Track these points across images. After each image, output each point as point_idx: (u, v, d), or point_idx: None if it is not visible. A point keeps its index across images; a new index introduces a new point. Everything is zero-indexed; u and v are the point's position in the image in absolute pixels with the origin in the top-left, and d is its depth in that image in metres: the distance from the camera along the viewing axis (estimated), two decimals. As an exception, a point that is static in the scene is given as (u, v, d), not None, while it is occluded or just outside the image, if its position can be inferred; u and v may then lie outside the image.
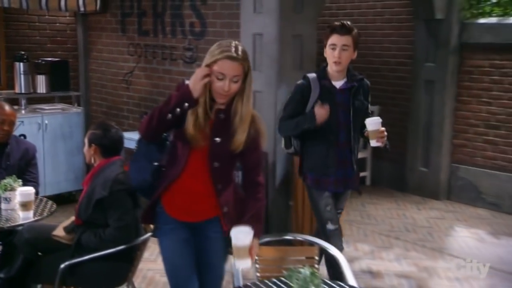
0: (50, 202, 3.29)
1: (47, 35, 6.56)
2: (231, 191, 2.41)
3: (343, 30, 3.08)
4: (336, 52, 3.07)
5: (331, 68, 3.17)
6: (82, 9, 6.18)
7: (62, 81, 5.91)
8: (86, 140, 3.01)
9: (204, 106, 2.26)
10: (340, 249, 3.15)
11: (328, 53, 3.14)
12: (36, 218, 3.05)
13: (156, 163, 2.37)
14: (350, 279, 2.46)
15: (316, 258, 2.72)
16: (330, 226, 3.19)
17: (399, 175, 6.26)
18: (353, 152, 3.22)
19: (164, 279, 2.97)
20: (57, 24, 6.64)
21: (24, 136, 5.10)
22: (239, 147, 2.32)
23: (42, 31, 6.53)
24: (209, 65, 2.23)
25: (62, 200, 5.22)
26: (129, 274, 2.93)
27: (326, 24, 6.93)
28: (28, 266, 3.01)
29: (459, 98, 5.83)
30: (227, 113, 2.31)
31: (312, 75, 3.24)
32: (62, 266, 2.74)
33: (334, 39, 3.09)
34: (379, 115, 5.13)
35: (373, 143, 3.05)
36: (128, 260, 2.90)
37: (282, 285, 2.21)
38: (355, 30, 3.13)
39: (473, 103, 5.74)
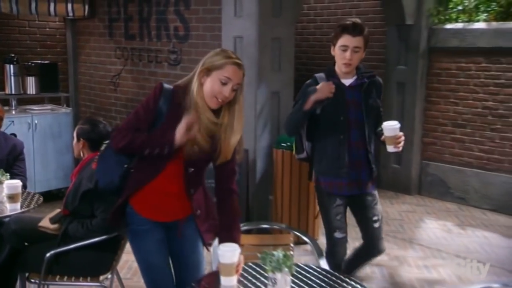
0: (37, 195, 3.25)
1: (37, 39, 6.51)
2: (201, 193, 2.34)
3: (356, 31, 2.74)
4: (348, 54, 2.75)
5: (340, 69, 2.87)
6: (70, 14, 6.14)
7: (51, 83, 5.85)
8: (74, 135, 2.99)
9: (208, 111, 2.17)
10: (342, 258, 3.00)
11: (337, 54, 2.82)
12: (23, 210, 3.00)
13: (125, 166, 2.25)
14: (323, 263, 2.47)
15: (292, 245, 2.71)
16: (337, 235, 2.95)
17: (373, 172, 6.29)
18: (370, 152, 2.90)
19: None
20: (47, 29, 6.59)
21: (15, 135, 5.00)
22: (228, 157, 2.24)
23: (32, 35, 6.47)
24: (211, 69, 2.14)
25: (51, 197, 5.17)
26: (113, 262, 2.90)
27: (305, 29, 7.08)
28: (15, 256, 2.96)
29: (428, 99, 5.88)
30: None
31: (319, 74, 2.95)
32: (48, 255, 2.70)
33: (345, 40, 2.75)
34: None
35: (390, 148, 2.77)
36: (112, 250, 2.87)
37: (258, 268, 2.21)
38: (367, 30, 2.81)
39: (441, 104, 5.79)
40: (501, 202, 5.31)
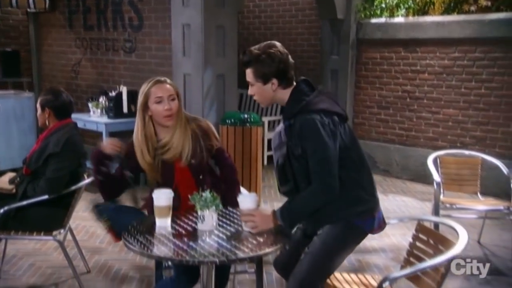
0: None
1: (0, 30, 6.28)
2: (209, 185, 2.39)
3: (243, 63, 2.06)
4: (249, 91, 2.10)
5: None
6: (32, 7, 5.97)
7: (14, 69, 5.69)
8: (38, 106, 2.90)
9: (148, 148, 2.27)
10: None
11: None
12: (-20, 175, 2.95)
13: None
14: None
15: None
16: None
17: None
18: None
19: (102, 232, 2.97)
20: (10, 21, 6.39)
21: (-22, 116, 4.88)
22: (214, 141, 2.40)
23: (-5, 27, 6.26)
24: (145, 102, 2.22)
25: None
26: (65, 218, 2.88)
27: (251, 25, 7.15)
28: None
29: (357, 85, 6.07)
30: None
31: None
32: (2, 210, 2.67)
33: (246, 74, 2.08)
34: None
35: (244, 226, 2.03)
36: (64, 206, 2.85)
37: (194, 214, 2.25)
38: (259, 57, 1.99)
39: (369, 89, 6.00)
40: (418, 173, 5.57)
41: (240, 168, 4.57)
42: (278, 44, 2.06)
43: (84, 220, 4.03)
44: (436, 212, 3.37)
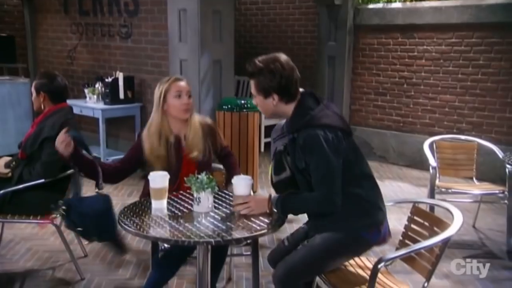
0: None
1: (-5, 16, 6.24)
2: None
3: (247, 73, 2.06)
4: (253, 100, 2.12)
5: None
6: (26, -9, 5.90)
7: (9, 55, 5.63)
8: (33, 89, 2.88)
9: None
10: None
11: None
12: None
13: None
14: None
15: (224, 184, 2.75)
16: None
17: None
18: None
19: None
20: (5, 6, 6.32)
21: (-27, 102, 4.84)
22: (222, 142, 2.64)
23: (-10, 12, 6.19)
24: (165, 95, 2.39)
25: (12, 160, 5.03)
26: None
27: (248, 11, 7.09)
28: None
29: (355, 71, 6.05)
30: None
31: None
32: (-3, 194, 2.66)
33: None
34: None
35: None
36: (61, 190, 2.85)
37: (189, 195, 2.25)
38: (261, 71, 1.98)
39: (366, 75, 5.97)
40: (414, 159, 5.58)
41: (237, 154, 4.56)
42: (283, 58, 2.01)
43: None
44: (432, 196, 3.39)
